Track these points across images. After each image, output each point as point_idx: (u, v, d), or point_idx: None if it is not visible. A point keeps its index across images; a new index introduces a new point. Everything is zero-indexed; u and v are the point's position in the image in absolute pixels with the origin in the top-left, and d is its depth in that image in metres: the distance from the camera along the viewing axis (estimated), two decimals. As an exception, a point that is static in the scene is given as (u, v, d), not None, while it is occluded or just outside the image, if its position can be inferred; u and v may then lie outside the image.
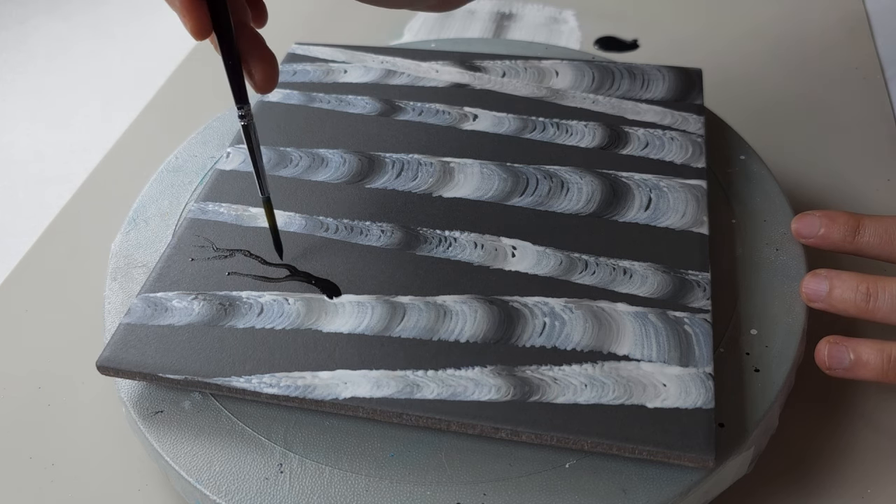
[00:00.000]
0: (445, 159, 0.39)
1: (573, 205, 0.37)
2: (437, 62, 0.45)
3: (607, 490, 0.28)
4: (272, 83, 0.32)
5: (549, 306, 0.32)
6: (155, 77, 0.60)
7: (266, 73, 0.32)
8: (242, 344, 0.31)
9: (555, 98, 0.43)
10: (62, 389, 0.38)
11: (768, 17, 0.61)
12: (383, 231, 0.36)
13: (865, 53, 0.56)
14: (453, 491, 0.28)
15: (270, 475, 0.29)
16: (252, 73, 0.32)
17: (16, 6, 0.78)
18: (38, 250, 0.46)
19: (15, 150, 0.62)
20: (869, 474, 0.33)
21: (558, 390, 0.29)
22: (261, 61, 0.32)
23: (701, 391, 0.29)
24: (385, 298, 0.33)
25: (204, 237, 0.36)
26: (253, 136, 0.32)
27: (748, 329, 0.33)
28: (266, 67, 0.32)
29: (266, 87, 0.32)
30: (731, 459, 0.29)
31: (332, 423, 0.31)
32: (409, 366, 0.30)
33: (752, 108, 0.52)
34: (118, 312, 0.35)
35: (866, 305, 0.32)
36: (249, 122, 0.32)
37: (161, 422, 0.31)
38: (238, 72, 0.31)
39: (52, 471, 0.35)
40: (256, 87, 0.32)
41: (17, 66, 0.71)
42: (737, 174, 0.40)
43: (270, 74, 0.32)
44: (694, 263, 0.34)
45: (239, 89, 0.31)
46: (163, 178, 0.42)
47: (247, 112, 0.32)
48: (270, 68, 0.32)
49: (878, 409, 0.35)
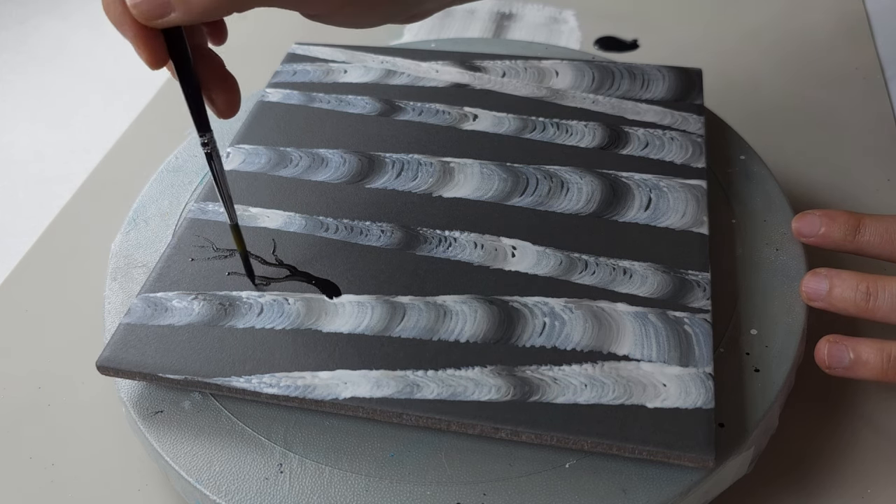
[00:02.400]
0: (445, 159, 0.39)
1: (573, 205, 0.37)
2: (437, 62, 0.45)
3: (607, 490, 0.28)
4: (234, 109, 0.31)
5: (549, 306, 0.32)
6: (155, 77, 0.60)
7: (228, 99, 0.31)
8: (242, 344, 0.31)
9: (555, 98, 0.43)
10: (62, 389, 0.38)
11: (768, 18, 0.61)
12: (383, 231, 0.36)
13: (865, 53, 0.56)
14: (453, 491, 0.28)
15: (270, 475, 0.29)
16: (213, 100, 0.30)
17: (16, 6, 0.78)
18: (38, 250, 0.46)
19: (15, 150, 0.62)
20: (869, 474, 0.33)
21: (558, 390, 0.29)
22: (222, 87, 0.30)
23: (701, 391, 0.29)
24: (385, 298, 0.33)
25: (204, 237, 0.36)
26: (216, 163, 0.31)
27: (748, 329, 0.33)
28: (227, 93, 0.30)
29: (228, 113, 0.31)
30: (731, 459, 0.29)
31: (332, 423, 0.31)
32: (409, 366, 0.30)
33: (752, 107, 0.52)
34: (118, 312, 0.35)
35: (866, 305, 0.32)
36: (212, 149, 0.31)
37: (161, 422, 0.31)
38: (199, 100, 0.30)
39: (52, 471, 0.35)
40: (218, 113, 0.31)
41: (17, 66, 0.71)
42: (737, 174, 0.40)
43: (232, 100, 0.31)
44: (694, 263, 0.34)
45: (200, 117, 0.30)
46: (163, 178, 0.42)
47: (209, 139, 0.30)
48: (232, 94, 0.31)
49: (878, 409, 0.35)
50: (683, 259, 0.34)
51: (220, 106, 0.31)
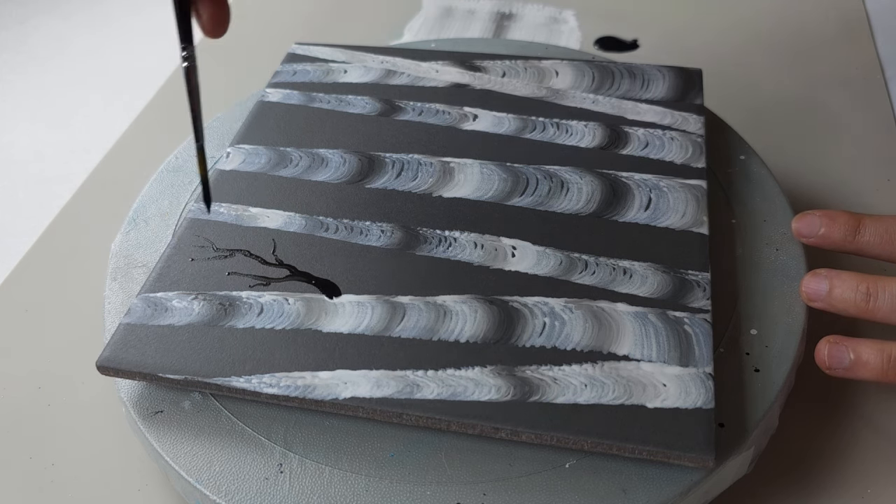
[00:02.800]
0: (445, 159, 0.39)
1: (573, 205, 0.37)
2: (437, 62, 0.45)
3: (607, 490, 0.28)
4: (221, 27, 0.31)
5: (549, 306, 0.32)
6: (155, 77, 0.60)
7: (214, 14, 0.30)
8: (242, 344, 0.31)
9: (555, 98, 0.43)
10: (62, 389, 0.38)
11: (768, 17, 0.61)
12: (383, 231, 0.36)
13: (865, 53, 0.56)
14: (453, 491, 0.28)
15: (270, 475, 0.29)
16: (200, 14, 0.30)
17: (16, 6, 0.78)
18: (38, 250, 0.46)
19: (15, 150, 0.62)
20: (869, 474, 0.33)
21: (558, 390, 0.29)
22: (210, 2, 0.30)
23: (701, 391, 0.29)
24: (385, 298, 0.33)
25: (204, 237, 0.36)
26: (194, 79, 0.31)
27: (748, 329, 0.33)
28: (215, 7, 0.30)
29: (215, 31, 0.31)
30: (731, 459, 0.29)
31: (332, 423, 0.31)
32: (409, 366, 0.30)
33: (752, 108, 0.52)
34: (118, 312, 0.35)
35: (866, 305, 0.32)
36: (192, 63, 0.30)
37: (161, 422, 0.31)
38: (186, 8, 0.30)
39: (52, 471, 0.35)
40: (205, 29, 0.31)
41: (17, 66, 0.71)
42: (737, 174, 0.40)
43: (219, 17, 0.30)
44: (694, 263, 0.34)
45: (184, 26, 0.30)
46: (163, 178, 0.42)
47: (190, 54, 0.30)
48: (220, 10, 0.30)
49: (878, 409, 0.35)
50: (683, 259, 0.34)
51: (206, 22, 0.31)
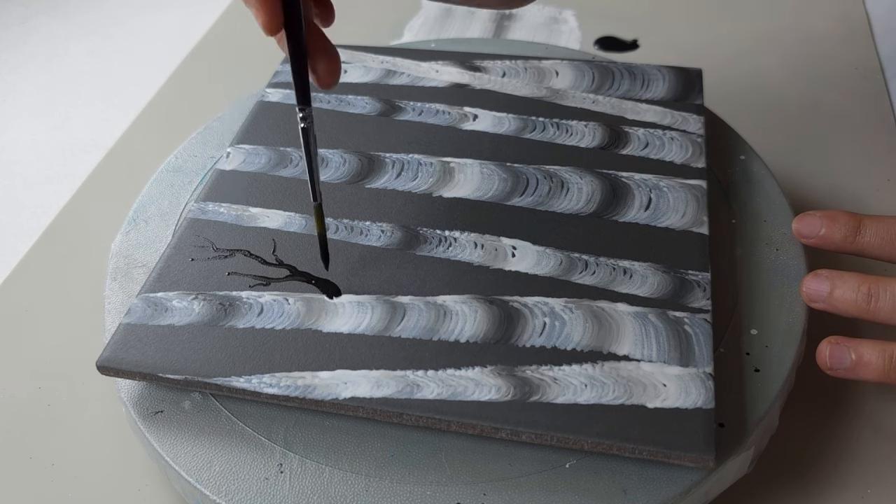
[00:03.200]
0: (445, 159, 0.39)
1: (573, 205, 0.37)
2: (437, 62, 0.45)
3: (607, 490, 0.28)
4: (335, 76, 0.32)
5: (549, 306, 0.32)
6: (155, 77, 0.60)
7: (330, 67, 0.31)
8: (242, 344, 0.31)
9: (555, 98, 0.43)
10: (62, 389, 0.38)
11: (768, 18, 0.61)
12: (383, 231, 0.36)
13: (865, 53, 0.56)
14: (453, 491, 0.28)
15: (270, 475, 0.29)
16: (315, 69, 0.31)
17: (16, 6, 0.78)
18: (38, 250, 0.46)
19: (15, 150, 0.62)
20: (869, 474, 0.33)
21: (558, 390, 0.29)
22: (325, 56, 0.31)
23: (701, 391, 0.29)
24: (385, 298, 0.33)
25: (204, 237, 0.36)
26: (312, 140, 0.32)
27: (748, 329, 0.33)
28: (329, 62, 0.31)
29: (329, 81, 0.32)
30: (731, 459, 0.29)
31: (332, 423, 0.31)
32: (409, 366, 0.30)
33: (752, 108, 0.52)
34: (118, 312, 0.35)
35: (867, 306, 0.32)
36: (310, 125, 0.31)
37: (161, 422, 0.31)
38: (304, 71, 0.31)
39: (52, 471, 0.35)
40: (319, 81, 0.32)
41: (17, 66, 0.71)
42: (737, 174, 0.40)
43: (334, 68, 0.32)
44: (694, 263, 0.34)
45: (303, 89, 0.31)
46: (163, 178, 0.42)
47: (308, 114, 0.31)
48: (334, 62, 0.32)
49: (878, 409, 0.35)
50: (683, 259, 0.34)
51: (321, 74, 0.32)
